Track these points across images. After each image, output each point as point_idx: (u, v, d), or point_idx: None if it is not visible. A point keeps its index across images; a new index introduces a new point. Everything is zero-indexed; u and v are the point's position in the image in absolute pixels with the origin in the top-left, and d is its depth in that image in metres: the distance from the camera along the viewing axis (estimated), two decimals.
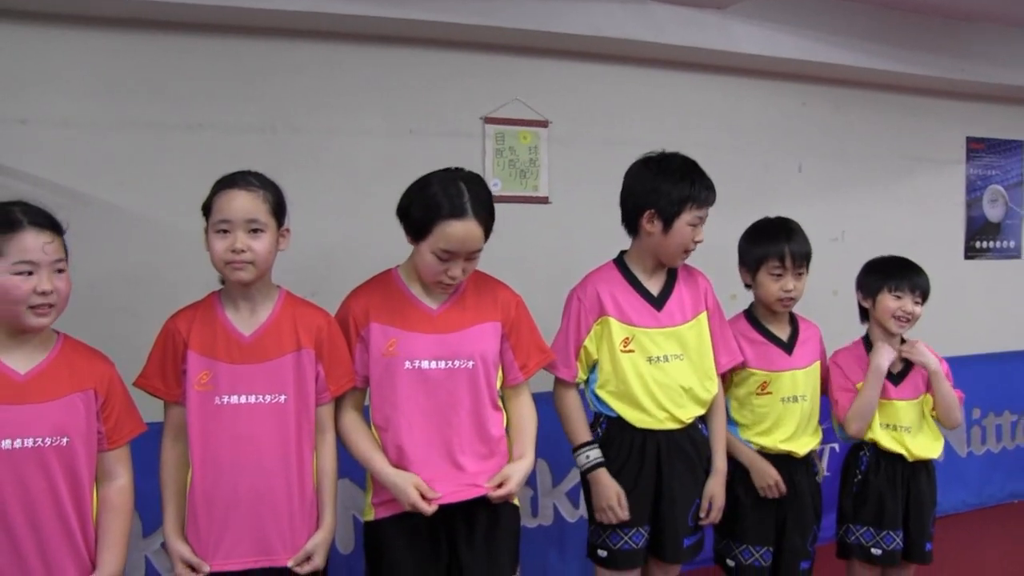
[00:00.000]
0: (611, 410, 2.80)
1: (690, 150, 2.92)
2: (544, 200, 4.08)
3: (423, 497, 2.36)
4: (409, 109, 3.87)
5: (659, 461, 2.78)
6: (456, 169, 2.49)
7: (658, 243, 2.77)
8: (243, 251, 2.23)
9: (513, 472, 2.50)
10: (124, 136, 3.48)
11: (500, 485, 2.46)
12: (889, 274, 3.15)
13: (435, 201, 2.37)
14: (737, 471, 3.01)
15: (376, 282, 2.57)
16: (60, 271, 2.10)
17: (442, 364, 2.45)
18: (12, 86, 3.35)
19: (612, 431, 2.82)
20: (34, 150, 3.36)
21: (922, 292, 3.12)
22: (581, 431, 2.80)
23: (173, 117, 3.54)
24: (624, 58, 4.26)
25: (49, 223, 2.11)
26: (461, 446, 2.47)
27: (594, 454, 2.77)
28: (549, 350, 2.70)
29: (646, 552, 2.83)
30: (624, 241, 2.92)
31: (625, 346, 2.76)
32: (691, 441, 2.83)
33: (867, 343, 3.21)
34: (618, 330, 2.77)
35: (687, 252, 2.79)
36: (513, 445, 2.56)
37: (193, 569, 2.29)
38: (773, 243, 2.97)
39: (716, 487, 2.87)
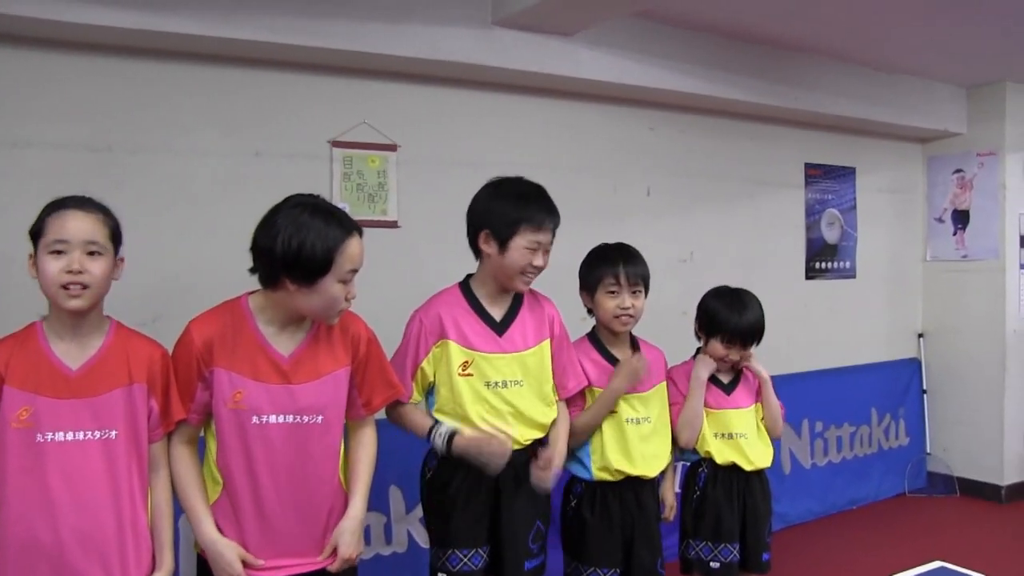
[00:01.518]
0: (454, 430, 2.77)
1: (540, 173, 2.95)
2: (393, 224, 4.04)
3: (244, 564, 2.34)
4: (255, 130, 3.76)
5: (497, 481, 2.77)
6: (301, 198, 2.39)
7: (496, 265, 2.77)
8: (80, 272, 2.12)
9: (342, 533, 2.46)
10: None
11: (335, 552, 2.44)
12: (724, 321, 3.23)
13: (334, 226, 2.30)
14: (585, 492, 3.03)
15: (223, 312, 2.42)
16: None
17: (290, 419, 2.37)
18: None
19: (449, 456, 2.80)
20: None
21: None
22: (424, 420, 2.76)
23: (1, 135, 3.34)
24: (472, 82, 4.27)
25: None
26: (309, 506, 2.42)
27: (444, 428, 2.72)
28: (398, 384, 2.64)
29: (485, 574, 2.81)
30: (473, 264, 2.92)
31: (464, 369, 2.75)
32: (526, 462, 2.83)
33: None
34: (457, 353, 2.75)
35: (525, 275, 2.78)
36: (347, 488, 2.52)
37: None
38: (609, 264, 3.04)
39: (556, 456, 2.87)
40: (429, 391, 2.82)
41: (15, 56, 3.34)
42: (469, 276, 2.90)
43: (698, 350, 3.32)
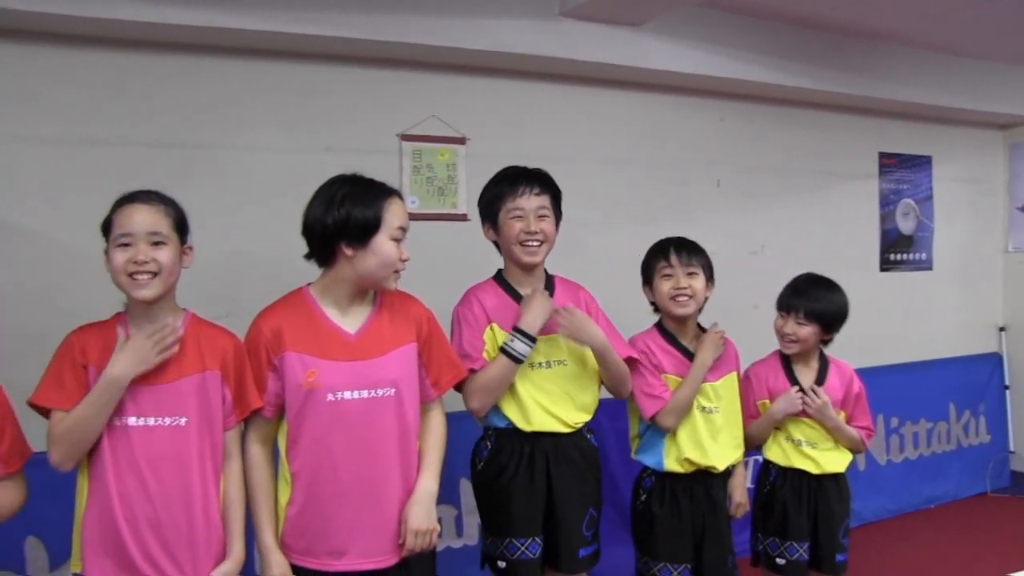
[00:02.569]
0: (501, 418, 2.80)
1: (607, 166, 2.94)
2: (463, 217, 4.04)
3: None
4: (325, 126, 3.81)
5: (548, 469, 2.79)
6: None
7: (504, 248, 2.89)
8: (146, 262, 2.17)
9: (410, 505, 2.44)
10: (24, 152, 3.36)
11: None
12: (783, 294, 3.23)
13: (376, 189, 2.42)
14: (655, 486, 3.01)
15: (287, 302, 2.47)
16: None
17: (364, 393, 2.37)
18: None
19: (501, 441, 2.83)
20: None
21: (808, 313, 3.12)
22: (496, 361, 2.74)
23: (77, 133, 3.43)
24: (540, 74, 4.27)
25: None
26: (386, 485, 2.40)
27: (510, 340, 2.73)
28: (460, 365, 2.66)
29: (542, 563, 2.83)
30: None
31: None
32: (579, 449, 2.86)
33: (783, 356, 3.25)
34: (503, 336, 2.77)
35: (523, 245, 2.80)
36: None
37: None
38: (660, 250, 3.04)
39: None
40: None
41: (89, 57, 3.43)
42: (500, 269, 2.96)
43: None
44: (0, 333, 3.23)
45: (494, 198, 2.84)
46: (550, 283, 2.91)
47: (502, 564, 2.80)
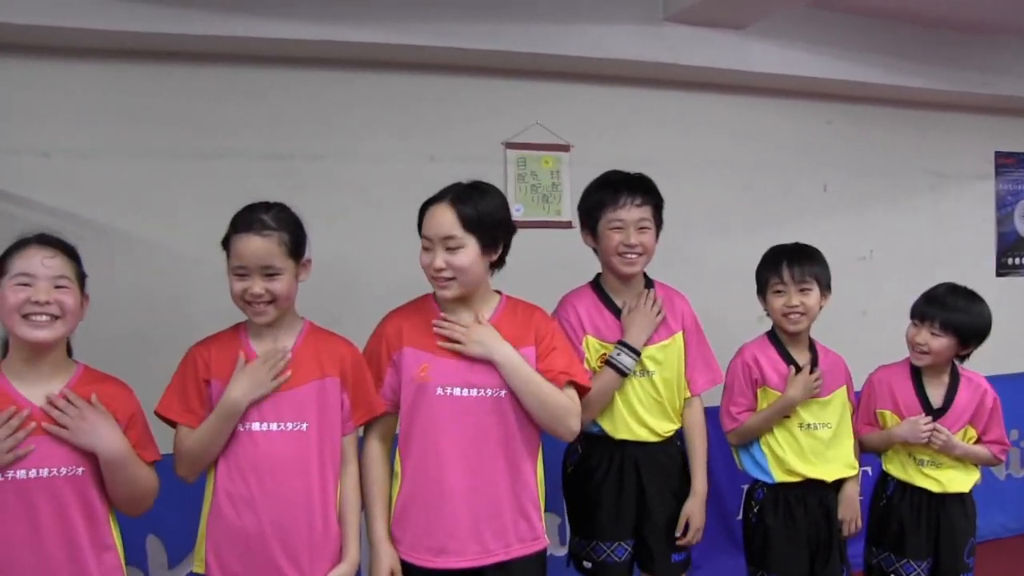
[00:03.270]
0: (593, 424, 2.80)
1: (711, 171, 2.91)
2: (567, 224, 4.05)
3: None
4: (429, 135, 3.88)
5: (639, 474, 2.80)
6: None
7: (601, 258, 2.86)
8: (260, 295, 2.24)
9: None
10: (142, 166, 3.51)
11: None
12: (921, 302, 3.11)
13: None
14: (767, 497, 2.96)
15: (413, 303, 2.56)
16: (62, 287, 2.09)
17: (473, 392, 2.40)
18: (34, 119, 3.40)
19: (592, 447, 2.85)
20: (54, 181, 3.40)
21: (943, 324, 3.01)
22: (602, 376, 2.75)
23: (190, 146, 3.57)
24: (643, 80, 4.25)
25: (56, 243, 2.13)
26: (494, 480, 2.42)
27: (616, 354, 2.75)
28: (585, 373, 2.62)
29: (631, 566, 2.86)
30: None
31: (602, 362, 2.79)
32: (670, 457, 2.87)
33: (914, 372, 3.13)
34: (595, 346, 2.80)
35: (622, 256, 2.77)
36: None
37: None
38: (774, 264, 2.99)
39: (694, 508, 2.87)
40: None
41: (201, 72, 3.57)
42: (598, 274, 2.95)
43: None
44: (121, 339, 3.35)
45: (594, 206, 2.83)
46: (649, 289, 2.89)
47: (588, 564, 2.86)
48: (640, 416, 2.80)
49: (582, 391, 2.52)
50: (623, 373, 2.73)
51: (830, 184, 4.87)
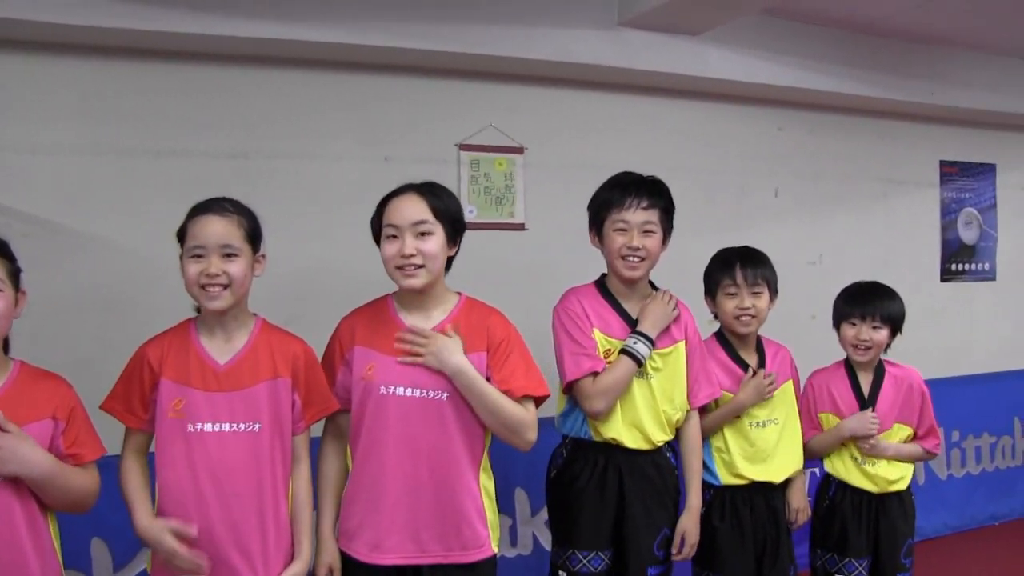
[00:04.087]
0: (579, 427, 2.79)
1: (666, 175, 2.91)
2: (520, 227, 4.07)
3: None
4: (384, 136, 3.87)
5: (621, 483, 2.75)
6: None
7: (606, 258, 2.83)
8: (217, 275, 2.21)
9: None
10: (95, 163, 3.45)
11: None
12: (847, 302, 3.18)
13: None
14: (714, 499, 2.99)
15: (369, 304, 2.54)
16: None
17: (416, 392, 2.39)
18: None
19: (576, 452, 2.81)
20: (5, 178, 3.33)
21: (883, 317, 3.09)
22: (619, 365, 2.71)
23: (144, 144, 3.52)
24: (599, 84, 4.27)
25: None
26: (433, 481, 2.40)
27: (632, 342, 2.73)
28: (542, 384, 2.54)
29: None
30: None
31: (606, 358, 2.75)
32: (656, 467, 2.81)
33: (848, 366, 3.21)
34: (602, 342, 2.76)
35: (624, 259, 2.75)
36: None
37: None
38: (727, 265, 3.00)
39: (689, 523, 2.83)
40: None
41: (156, 69, 3.53)
42: (604, 275, 2.91)
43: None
44: (72, 338, 3.31)
45: (601, 206, 2.80)
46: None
47: (563, 574, 2.78)
48: (635, 418, 2.75)
49: (540, 400, 2.51)
50: (639, 362, 2.70)
51: (781, 189, 4.94)
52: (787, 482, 3.06)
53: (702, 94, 4.59)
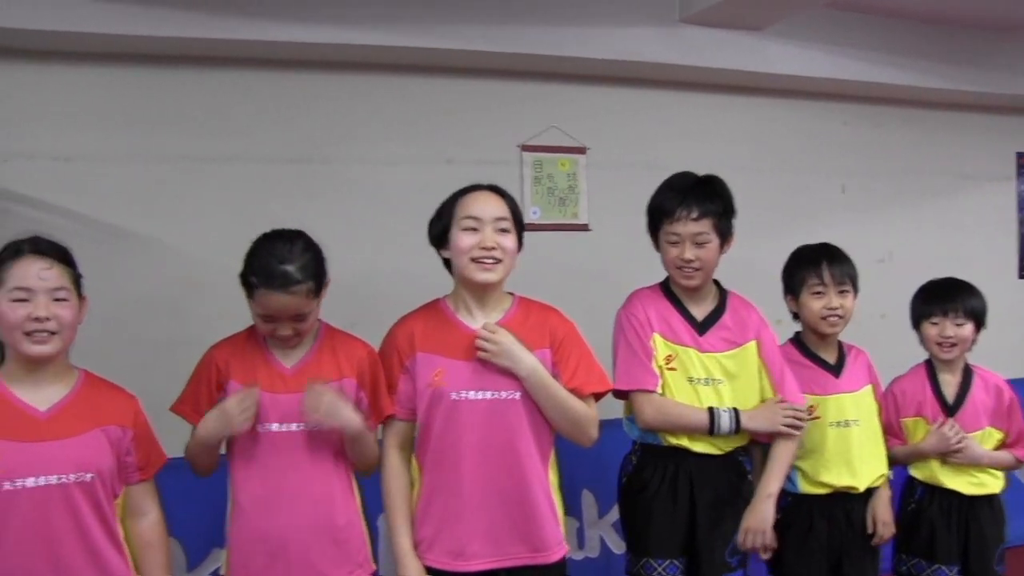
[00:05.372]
0: (650, 434, 2.73)
1: (728, 173, 2.86)
2: (584, 227, 4.07)
3: None
4: (446, 138, 3.90)
5: (692, 490, 2.70)
6: None
7: (664, 265, 2.77)
8: (289, 336, 2.29)
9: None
10: (158, 169, 3.55)
11: None
12: (926, 301, 3.08)
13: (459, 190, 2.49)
14: (791, 506, 2.90)
15: (423, 310, 2.53)
16: (61, 299, 2.07)
17: (487, 395, 2.37)
18: (52, 124, 3.44)
19: (646, 458, 2.76)
20: (73, 186, 3.44)
21: (966, 312, 3.00)
22: (692, 411, 2.67)
23: (206, 150, 3.60)
24: (661, 82, 4.26)
25: (52, 251, 2.09)
26: (511, 483, 2.38)
27: (724, 411, 2.67)
28: (605, 376, 2.56)
29: None
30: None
31: (668, 363, 2.71)
32: (727, 472, 2.75)
33: (930, 368, 3.11)
34: (663, 346, 2.72)
35: (680, 270, 2.70)
36: None
37: None
38: (812, 263, 2.91)
39: (756, 515, 2.71)
40: None
41: (220, 76, 3.61)
42: (668, 278, 2.85)
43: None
44: (134, 342, 3.38)
45: (653, 215, 2.74)
46: (723, 300, 2.81)
47: None
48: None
49: (600, 396, 2.51)
50: (711, 429, 2.65)
51: (848, 185, 4.86)
52: (869, 494, 2.95)
53: (765, 90, 4.54)
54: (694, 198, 2.66)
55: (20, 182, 3.38)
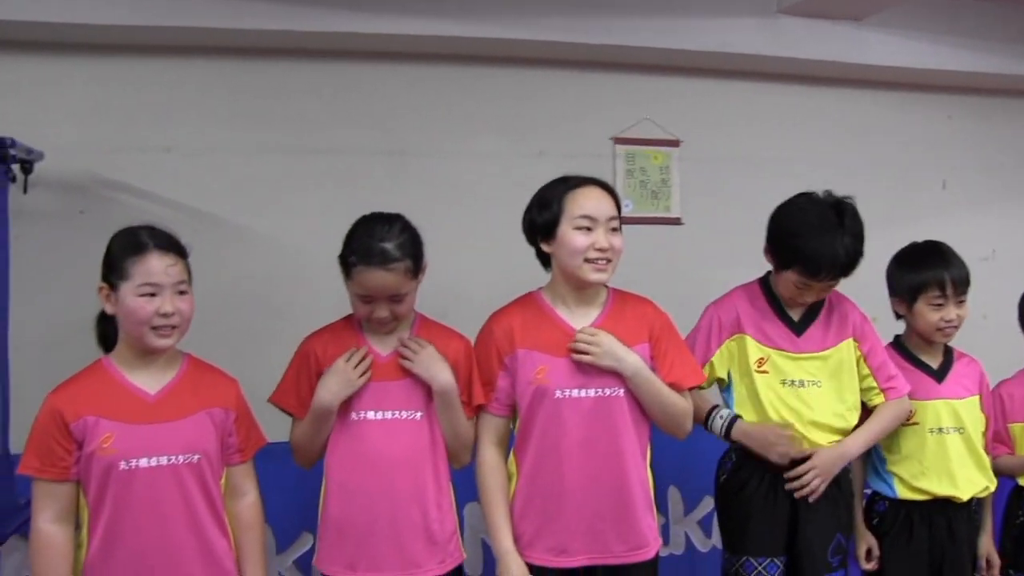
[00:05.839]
0: None
1: (824, 168, 2.87)
2: (676, 221, 4.06)
3: None
4: (538, 131, 3.93)
5: (793, 489, 2.69)
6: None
7: (779, 283, 2.74)
8: (387, 318, 2.32)
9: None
10: (256, 161, 3.64)
11: None
12: None
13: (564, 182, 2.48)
14: (888, 511, 2.86)
15: (520, 302, 2.54)
16: (182, 293, 2.16)
17: (591, 392, 2.39)
18: (157, 117, 3.55)
19: (745, 457, 2.74)
20: (175, 176, 3.55)
21: None
22: (704, 405, 2.72)
23: (304, 142, 3.69)
24: (756, 74, 4.22)
25: (173, 246, 2.18)
26: (612, 479, 2.40)
27: (725, 412, 2.71)
28: (700, 372, 2.61)
29: None
30: (756, 261, 2.84)
31: (759, 366, 2.70)
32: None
33: None
34: (754, 349, 2.71)
35: (797, 299, 2.71)
36: None
37: None
38: (931, 270, 2.81)
39: (823, 455, 2.68)
40: (725, 388, 2.80)
41: (314, 69, 3.69)
42: (769, 273, 2.82)
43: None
44: (230, 330, 3.46)
45: (789, 259, 2.64)
46: (822, 299, 2.77)
47: None
48: (798, 428, 2.67)
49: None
50: (705, 422, 2.72)
51: (950, 181, 4.74)
52: (974, 505, 2.88)
53: (864, 82, 4.45)
54: (838, 270, 2.62)
55: (124, 172, 3.51)
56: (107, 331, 2.24)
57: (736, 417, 2.70)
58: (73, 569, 2.12)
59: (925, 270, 2.82)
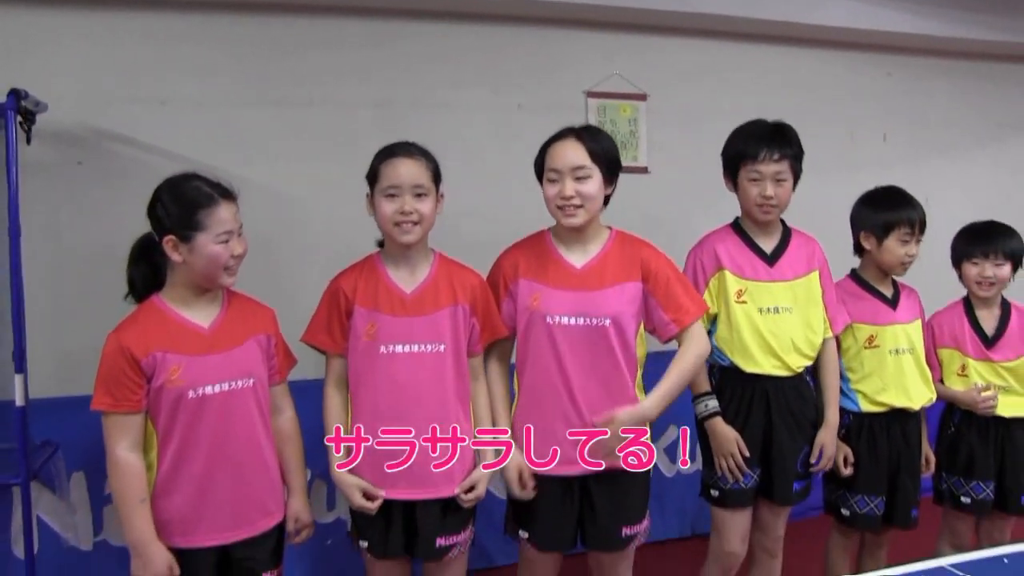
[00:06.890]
0: (724, 358, 2.97)
1: (781, 120, 3.05)
2: (643, 170, 4.28)
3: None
4: (518, 85, 4.09)
5: (768, 407, 2.94)
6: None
7: (741, 203, 2.99)
8: (411, 213, 2.45)
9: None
10: (250, 114, 3.74)
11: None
12: (968, 242, 3.26)
13: None
14: (852, 424, 3.14)
15: (528, 240, 2.76)
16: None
17: (581, 320, 2.60)
18: (153, 70, 3.63)
19: (724, 379, 2.98)
20: (171, 128, 3.63)
21: (1005, 253, 3.18)
22: (703, 382, 2.96)
23: (294, 95, 3.79)
24: (718, 32, 4.41)
25: (232, 194, 2.36)
26: (601, 398, 2.59)
27: (712, 403, 2.94)
28: (702, 302, 2.81)
29: (756, 493, 2.99)
30: (718, 208, 3.11)
31: (739, 297, 2.92)
32: (797, 391, 2.98)
33: (967, 305, 3.30)
34: (733, 282, 2.93)
35: (760, 207, 2.91)
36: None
37: (369, 498, 2.50)
38: (903, 210, 3.11)
39: (827, 437, 3.00)
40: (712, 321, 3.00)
41: (304, 24, 3.80)
42: (738, 217, 3.07)
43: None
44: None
45: (735, 156, 2.95)
46: (787, 236, 3.02)
47: (715, 493, 2.99)
48: (775, 351, 2.91)
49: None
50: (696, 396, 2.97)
51: (890, 134, 4.99)
52: (919, 412, 3.17)
53: (815, 41, 4.67)
54: (775, 141, 2.89)
55: (122, 124, 3.59)
56: (134, 277, 2.40)
57: (715, 413, 2.93)
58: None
59: (898, 209, 3.11)
